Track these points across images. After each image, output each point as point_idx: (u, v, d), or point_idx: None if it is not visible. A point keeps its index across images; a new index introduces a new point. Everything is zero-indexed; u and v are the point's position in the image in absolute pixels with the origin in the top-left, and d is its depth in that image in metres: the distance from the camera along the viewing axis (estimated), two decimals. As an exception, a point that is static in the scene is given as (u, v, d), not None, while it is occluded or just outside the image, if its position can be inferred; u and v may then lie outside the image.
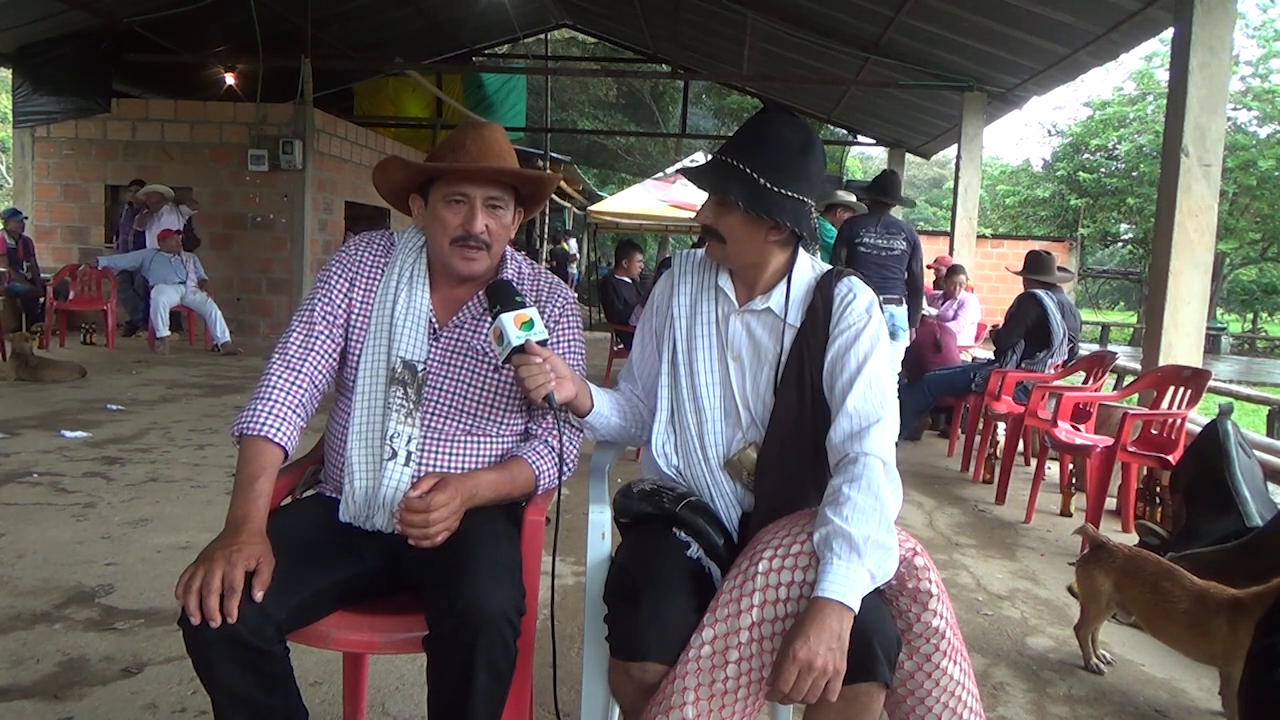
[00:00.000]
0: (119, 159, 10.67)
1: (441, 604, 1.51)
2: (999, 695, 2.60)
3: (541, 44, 17.10)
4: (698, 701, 1.41)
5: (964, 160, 9.63)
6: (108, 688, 2.35)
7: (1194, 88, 4.85)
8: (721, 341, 1.74)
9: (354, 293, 1.79)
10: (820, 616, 1.35)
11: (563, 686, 2.26)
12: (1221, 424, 3.63)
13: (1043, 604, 3.37)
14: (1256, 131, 22.07)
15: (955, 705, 1.49)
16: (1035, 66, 8.28)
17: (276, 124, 10.37)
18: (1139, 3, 6.13)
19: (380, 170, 1.80)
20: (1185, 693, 2.71)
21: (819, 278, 1.73)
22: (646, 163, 27.40)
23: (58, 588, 3.00)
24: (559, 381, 1.61)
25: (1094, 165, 24.24)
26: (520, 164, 1.80)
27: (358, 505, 1.70)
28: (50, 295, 8.95)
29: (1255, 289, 28.90)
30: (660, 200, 15.79)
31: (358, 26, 12.35)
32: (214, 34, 10.98)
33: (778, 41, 11.04)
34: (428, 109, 15.34)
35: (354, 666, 2.04)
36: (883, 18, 8.58)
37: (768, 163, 1.62)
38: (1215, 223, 5.07)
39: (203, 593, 1.40)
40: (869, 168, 34.75)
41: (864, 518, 1.42)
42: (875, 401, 1.58)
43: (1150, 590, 2.61)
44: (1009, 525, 4.48)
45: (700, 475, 1.72)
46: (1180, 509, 3.71)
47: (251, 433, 1.63)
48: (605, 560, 1.72)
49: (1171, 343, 5.00)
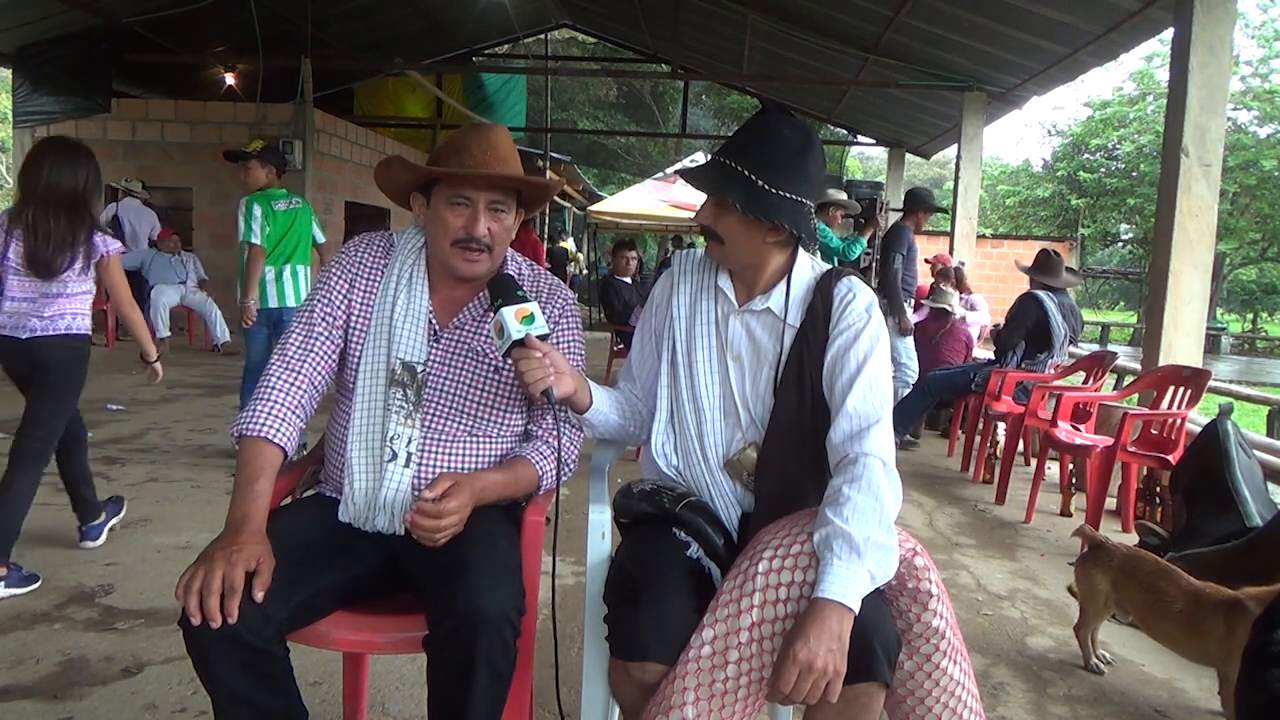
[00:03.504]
0: (119, 159, 10.66)
1: (442, 604, 1.51)
2: (999, 695, 2.60)
3: (541, 44, 17.09)
4: (698, 701, 1.41)
5: (964, 160, 9.63)
6: (108, 688, 2.35)
7: (1194, 88, 4.85)
8: (721, 341, 1.74)
9: (354, 294, 1.79)
10: (820, 617, 1.35)
11: (563, 686, 2.26)
12: (1221, 424, 3.63)
13: (1043, 604, 3.37)
14: (1256, 131, 22.08)
15: (955, 705, 1.49)
16: (1035, 66, 8.28)
17: (276, 124, 10.37)
18: (1139, 3, 6.13)
19: (383, 168, 1.79)
20: (1185, 693, 2.71)
21: (818, 278, 1.73)
22: (646, 163, 27.41)
23: (58, 588, 3.00)
24: (558, 377, 1.61)
25: (1094, 165, 24.26)
26: (521, 165, 1.81)
27: (357, 507, 1.70)
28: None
29: (1255, 289, 28.91)
30: (660, 200, 15.79)
31: (358, 26, 12.34)
32: (214, 34, 10.97)
33: (778, 41, 11.03)
34: (428, 109, 15.33)
35: (354, 666, 2.04)
36: (883, 18, 8.58)
37: (766, 164, 1.62)
38: (1215, 223, 5.06)
39: (203, 593, 1.40)
40: (869, 168, 34.76)
41: (864, 518, 1.42)
42: (875, 402, 1.58)
43: (1147, 590, 2.62)
44: (1009, 525, 4.48)
45: (700, 475, 1.72)
46: (1180, 509, 3.71)
47: (251, 433, 1.63)
48: (605, 560, 1.72)
49: (1171, 343, 5.00)
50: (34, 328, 3.06)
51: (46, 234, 3.00)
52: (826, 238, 6.29)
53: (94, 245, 3.11)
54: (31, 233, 3.00)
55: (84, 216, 3.08)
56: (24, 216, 3.01)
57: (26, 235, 3.00)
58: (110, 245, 3.18)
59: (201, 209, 10.80)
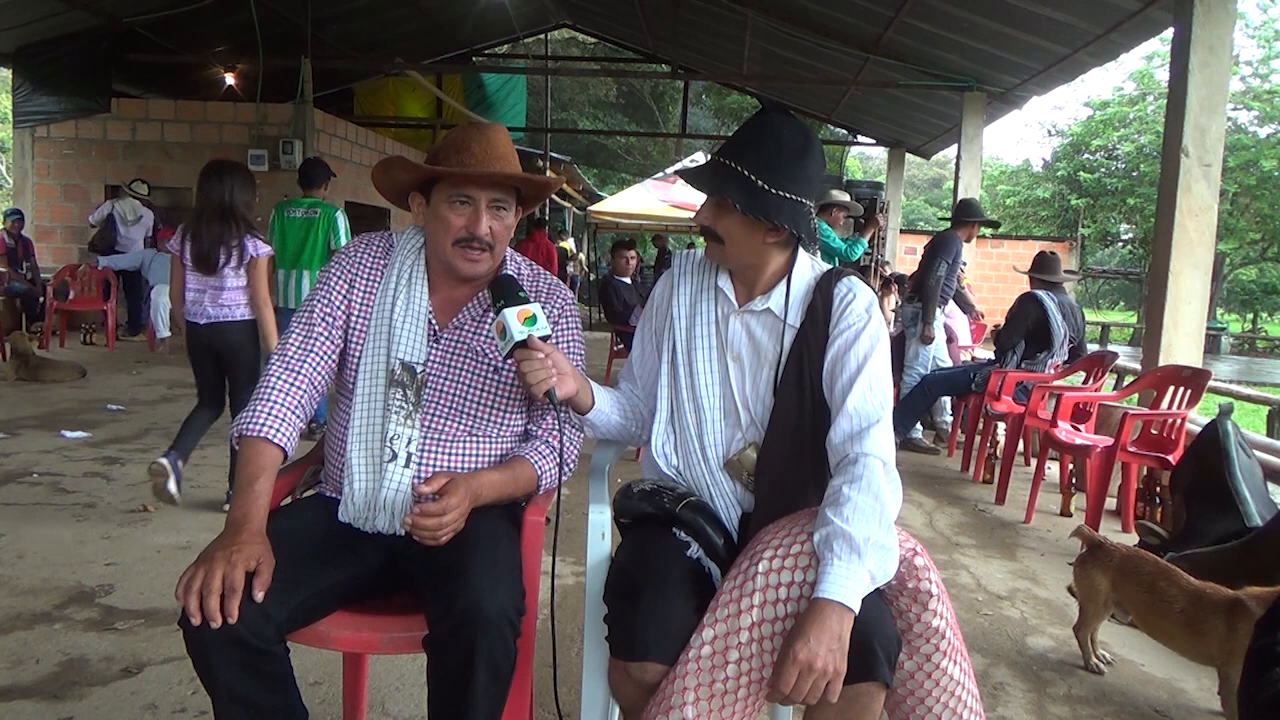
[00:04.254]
0: (119, 159, 10.66)
1: (442, 604, 1.51)
2: (999, 695, 2.60)
3: (541, 44, 17.10)
4: (698, 702, 1.41)
5: (964, 160, 9.63)
6: (108, 688, 2.35)
7: (1194, 88, 4.85)
8: (721, 342, 1.74)
9: (353, 294, 1.79)
10: (820, 617, 1.35)
11: (563, 686, 2.26)
12: (1221, 424, 3.63)
13: (1043, 604, 3.37)
14: (1256, 131, 22.08)
15: (955, 705, 1.49)
16: (1035, 66, 8.28)
17: (276, 124, 10.37)
18: (1139, 3, 6.13)
19: (382, 168, 1.79)
20: (1185, 693, 2.71)
21: (818, 278, 1.73)
22: (646, 163, 27.40)
23: (58, 588, 3.00)
24: (560, 377, 1.61)
25: (1094, 165, 24.26)
26: (520, 164, 1.80)
27: (357, 507, 1.70)
28: (50, 295, 8.95)
29: (1255, 289, 28.91)
30: (660, 200, 15.80)
31: (358, 26, 12.35)
32: (214, 34, 10.98)
33: (778, 41, 11.04)
34: (428, 109, 15.34)
35: (354, 666, 2.04)
36: (883, 18, 8.59)
37: (765, 164, 1.62)
38: (1215, 223, 5.07)
39: (203, 593, 1.40)
40: (869, 168, 34.76)
41: (864, 518, 1.42)
42: (875, 402, 1.58)
43: (1147, 590, 2.62)
44: (1009, 525, 4.48)
45: (700, 475, 1.72)
46: (1180, 509, 3.71)
47: (251, 434, 1.63)
48: (605, 560, 1.72)
49: (1171, 343, 5.00)
50: (209, 315, 3.83)
51: (204, 238, 3.75)
52: (828, 238, 6.28)
53: (245, 247, 3.80)
54: (195, 237, 3.77)
55: (233, 223, 3.78)
56: (191, 225, 3.80)
57: (193, 240, 3.77)
58: (260, 249, 3.87)
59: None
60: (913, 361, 6.30)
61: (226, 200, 3.77)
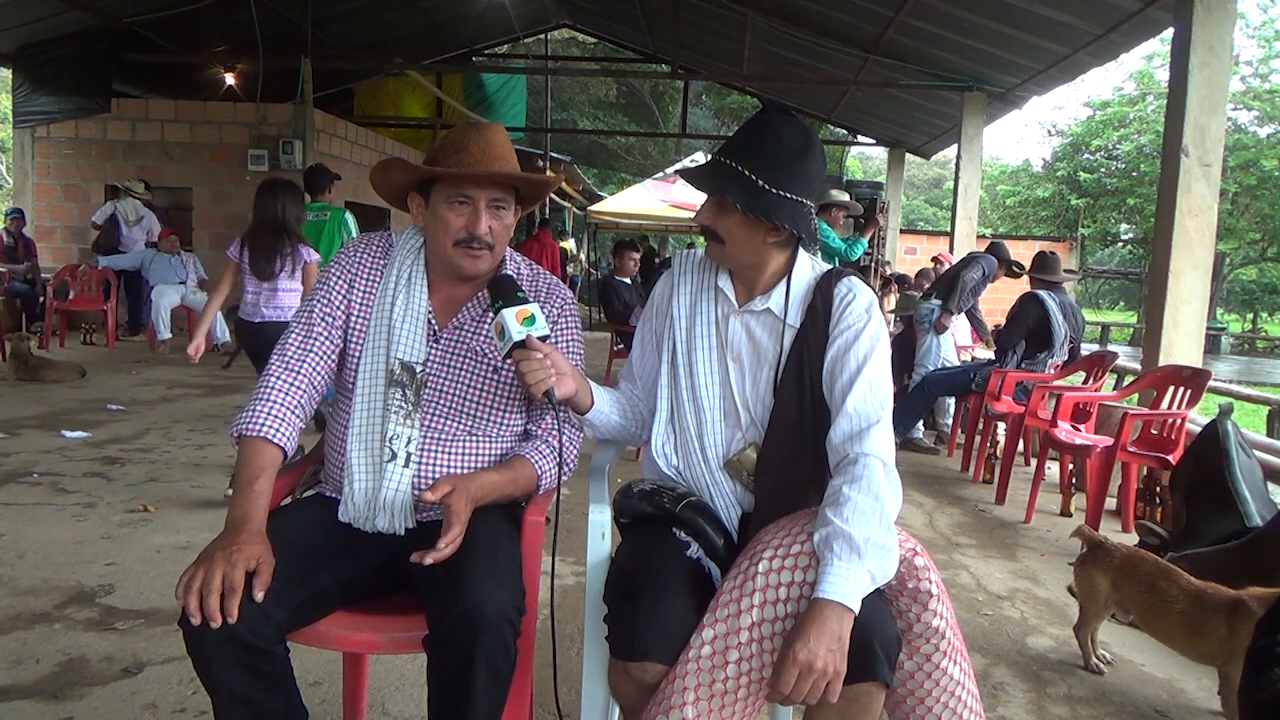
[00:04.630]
0: (119, 159, 10.66)
1: (442, 604, 1.51)
2: (999, 695, 2.60)
3: (541, 44, 17.09)
4: (698, 702, 1.41)
5: (964, 160, 9.63)
6: (108, 688, 2.35)
7: (1194, 88, 4.85)
8: (721, 342, 1.74)
9: (353, 294, 1.79)
10: (820, 617, 1.35)
11: (563, 686, 2.26)
12: (1221, 424, 3.62)
13: (1043, 604, 3.37)
14: (1257, 131, 22.08)
15: (955, 705, 1.49)
16: (1035, 66, 8.28)
17: (276, 124, 10.37)
18: (1139, 3, 6.13)
19: (380, 170, 1.79)
20: (1185, 693, 2.71)
21: (819, 278, 1.73)
22: (646, 163, 27.40)
23: (58, 588, 3.00)
24: (559, 377, 1.61)
25: (1094, 165, 24.25)
26: (519, 164, 1.80)
27: (357, 507, 1.70)
28: (50, 295, 8.95)
29: (1255, 289, 28.92)
30: (660, 200, 15.80)
31: (358, 26, 12.34)
32: (214, 34, 10.97)
33: (778, 41, 11.04)
34: (428, 109, 15.33)
35: (354, 666, 2.04)
36: (883, 18, 8.58)
37: (766, 164, 1.62)
38: (1215, 223, 5.07)
39: (203, 593, 1.40)
40: (869, 168, 34.77)
41: (864, 518, 1.42)
42: (875, 402, 1.58)
43: (1147, 590, 2.61)
44: (1009, 525, 4.48)
45: (700, 475, 1.71)
46: (1180, 509, 3.70)
47: (251, 434, 1.63)
48: (605, 560, 1.72)
49: (1171, 343, 5.00)
50: (264, 315, 4.19)
51: (259, 247, 4.17)
52: (829, 238, 6.29)
53: (299, 254, 4.22)
54: (254, 248, 4.18)
55: (286, 235, 4.20)
56: (249, 236, 4.21)
57: (251, 250, 4.18)
58: (311, 256, 4.28)
59: (201, 209, 10.79)
60: (924, 358, 6.38)
61: (279, 215, 4.19)
